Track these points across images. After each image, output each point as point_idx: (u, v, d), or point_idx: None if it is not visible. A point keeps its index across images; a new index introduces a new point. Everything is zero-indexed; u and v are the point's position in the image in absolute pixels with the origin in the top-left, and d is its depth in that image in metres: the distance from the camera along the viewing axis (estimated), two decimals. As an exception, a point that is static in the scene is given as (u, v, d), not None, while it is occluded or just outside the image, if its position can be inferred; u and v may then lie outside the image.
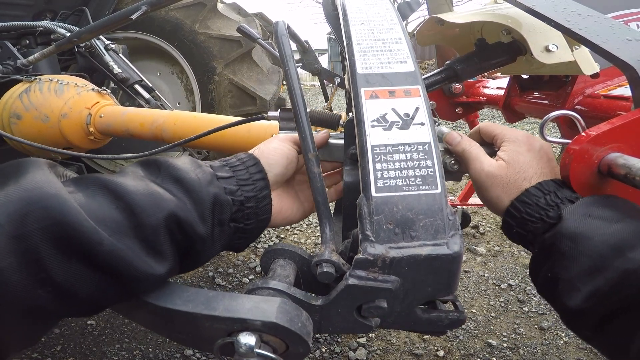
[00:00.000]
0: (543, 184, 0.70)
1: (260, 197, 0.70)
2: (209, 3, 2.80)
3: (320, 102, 13.56)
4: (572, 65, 1.17)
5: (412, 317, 0.64)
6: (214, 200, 0.63)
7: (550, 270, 0.64)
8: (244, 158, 0.73)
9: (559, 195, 0.68)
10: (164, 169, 0.63)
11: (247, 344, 0.52)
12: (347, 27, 0.82)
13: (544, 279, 0.66)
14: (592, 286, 0.56)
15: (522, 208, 0.70)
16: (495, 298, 2.49)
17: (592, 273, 0.57)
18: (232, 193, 0.66)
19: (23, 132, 1.88)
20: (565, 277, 0.60)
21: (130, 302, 0.58)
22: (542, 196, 0.69)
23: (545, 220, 0.67)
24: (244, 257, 3.01)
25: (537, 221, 0.68)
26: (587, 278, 0.57)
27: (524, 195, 0.70)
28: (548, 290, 0.67)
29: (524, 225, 0.70)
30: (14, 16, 2.45)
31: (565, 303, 0.60)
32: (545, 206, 0.68)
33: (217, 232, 0.64)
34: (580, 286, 0.58)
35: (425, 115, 0.66)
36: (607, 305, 0.56)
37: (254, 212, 0.70)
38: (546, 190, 0.69)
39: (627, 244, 0.56)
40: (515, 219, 0.71)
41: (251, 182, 0.70)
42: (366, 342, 2.14)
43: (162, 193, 0.58)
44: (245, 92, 2.75)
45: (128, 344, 2.17)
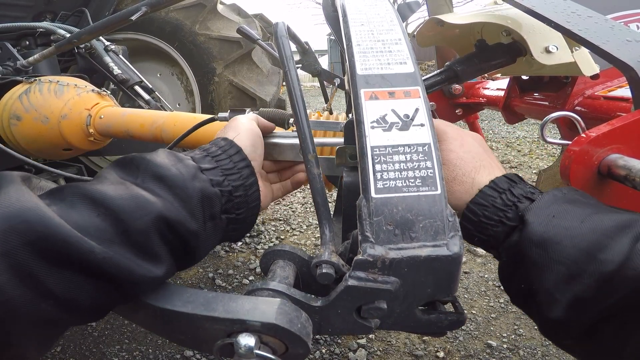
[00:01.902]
0: (496, 182, 0.67)
1: (248, 184, 0.69)
2: (209, 4, 2.81)
3: (320, 103, 13.57)
4: (572, 66, 1.17)
5: (412, 318, 0.63)
6: (202, 195, 0.61)
7: (524, 280, 0.60)
8: (225, 146, 0.71)
9: (515, 192, 0.65)
10: (143, 167, 0.60)
11: (246, 344, 0.52)
12: (347, 28, 0.82)
13: (518, 289, 0.63)
14: (571, 295, 0.53)
15: (479, 211, 0.66)
16: (495, 299, 2.49)
17: (569, 281, 0.54)
18: (219, 184, 0.65)
19: (23, 133, 1.88)
20: (542, 287, 0.57)
21: (130, 303, 0.58)
22: (497, 196, 0.65)
23: (505, 223, 0.63)
24: (243, 259, 3.01)
25: (497, 224, 0.64)
26: (564, 287, 0.54)
27: (478, 196, 0.67)
28: (523, 300, 0.63)
29: (484, 230, 0.66)
30: (13, 17, 2.45)
31: (545, 315, 0.57)
32: (503, 207, 0.64)
33: (210, 226, 0.63)
34: (559, 296, 0.55)
35: (425, 116, 0.66)
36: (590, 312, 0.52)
37: (243, 200, 0.68)
38: (500, 189, 0.66)
39: (598, 246, 0.53)
40: (473, 223, 0.67)
41: (236, 170, 0.68)
42: (366, 343, 2.14)
43: (146, 195, 0.56)
44: (245, 93, 2.76)
45: (128, 345, 2.17)
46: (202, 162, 0.66)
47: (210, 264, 2.95)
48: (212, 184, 0.64)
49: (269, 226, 3.58)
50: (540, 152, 5.74)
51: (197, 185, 0.61)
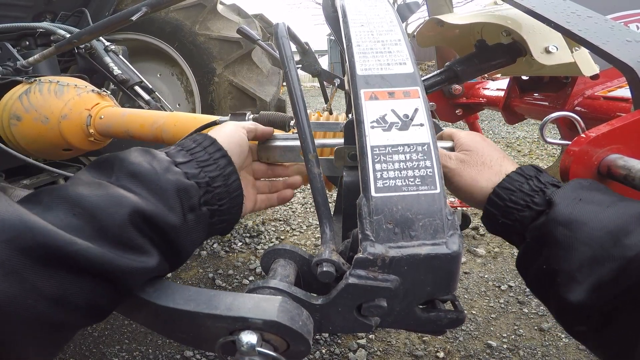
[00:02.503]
0: (523, 169, 0.68)
1: (226, 174, 0.69)
2: (209, 4, 2.81)
3: (320, 104, 13.57)
4: (572, 66, 1.17)
5: (412, 317, 0.64)
6: (177, 187, 0.61)
7: (546, 261, 0.60)
8: (200, 139, 0.71)
9: (541, 179, 0.66)
10: (118, 166, 0.61)
11: (248, 342, 0.53)
12: (346, 29, 0.82)
13: (538, 271, 0.62)
14: (595, 277, 0.53)
15: (506, 195, 0.67)
16: (495, 299, 2.49)
17: (593, 263, 0.54)
18: (195, 176, 0.65)
19: (23, 134, 1.88)
20: (564, 268, 0.57)
21: (131, 301, 0.59)
22: (524, 181, 0.66)
23: (532, 207, 0.64)
24: (243, 259, 3.01)
25: (524, 209, 0.65)
26: (588, 269, 0.54)
27: (505, 181, 0.68)
28: (542, 283, 0.63)
29: (509, 214, 0.67)
30: (13, 17, 2.45)
31: (564, 297, 0.56)
32: (530, 192, 0.65)
33: (192, 218, 0.63)
34: (581, 278, 0.54)
35: (424, 116, 0.67)
36: (609, 298, 0.52)
37: (224, 190, 0.68)
38: (527, 175, 0.67)
39: (623, 230, 0.53)
40: (499, 208, 0.68)
41: (212, 161, 0.68)
42: (366, 343, 2.14)
43: (121, 192, 0.57)
44: (245, 94, 2.76)
45: (128, 345, 2.17)
46: (176, 156, 0.67)
47: (210, 264, 2.95)
48: (187, 176, 0.64)
49: (269, 226, 3.58)
50: (540, 152, 5.74)
51: (171, 178, 0.61)
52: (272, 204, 0.92)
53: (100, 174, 0.60)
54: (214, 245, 3.19)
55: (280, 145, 0.91)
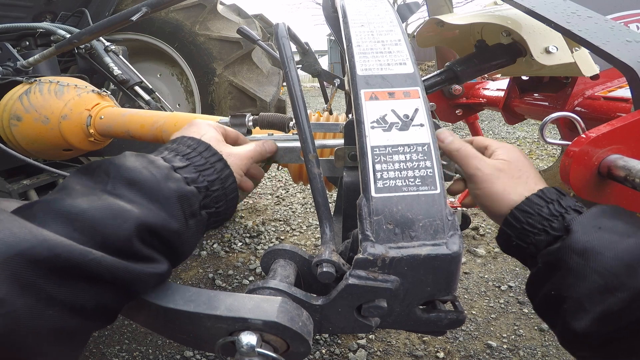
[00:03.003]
0: (545, 192, 0.66)
1: (224, 177, 0.69)
2: (209, 4, 2.81)
3: (320, 104, 13.58)
4: (572, 66, 1.17)
5: (412, 317, 0.64)
6: (179, 195, 0.60)
7: (555, 287, 0.59)
8: (193, 144, 0.70)
9: (563, 203, 0.64)
10: (113, 173, 0.59)
11: (248, 343, 0.53)
12: (347, 29, 0.82)
13: (547, 296, 0.62)
14: (603, 307, 0.53)
15: (523, 218, 0.65)
16: (495, 299, 2.49)
17: (604, 292, 0.53)
18: (194, 181, 0.64)
19: (23, 134, 1.88)
20: (573, 295, 0.56)
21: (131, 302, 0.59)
22: (544, 205, 0.65)
23: (549, 232, 0.63)
24: (243, 259, 3.01)
25: (540, 232, 0.64)
26: (597, 298, 0.53)
27: (524, 203, 0.66)
28: (550, 309, 0.62)
29: (525, 237, 0.65)
30: (14, 18, 2.45)
31: (570, 324, 0.56)
32: (549, 216, 0.64)
33: (193, 223, 0.63)
34: (589, 307, 0.54)
35: (424, 116, 0.67)
36: (617, 327, 0.52)
37: (222, 193, 0.68)
38: (548, 199, 0.65)
39: None
40: (514, 230, 0.67)
41: (209, 165, 0.68)
42: (366, 344, 2.14)
43: (120, 203, 0.55)
44: (245, 94, 2.76)
45: (128, 345, 2.17)
46: (174, 161, 0.65)
47: (210, 265, 2.95)
48: (186, 182, 0.63)
49: (269, 227, 3.58)
50: (540, 152, 5.74)
51: (172, 186, 0.60)
52: None
53: (94, 181, 0.58)
54: (214, 245, 3.19)
55: (281, 146, 0.91)
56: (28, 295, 0.44)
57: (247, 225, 3.58)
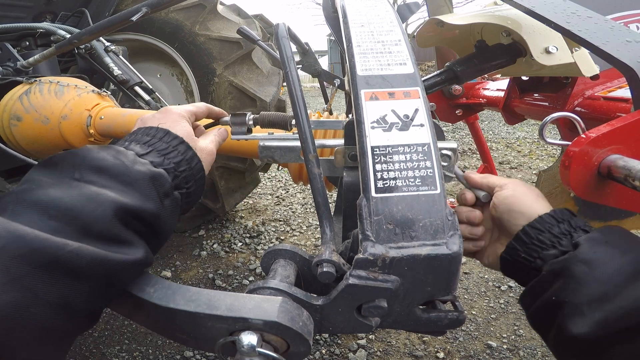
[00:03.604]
0: (557, 212, 0.70)
1: (188, 158, 0.71)
2: (209, 5, 2.81)
3: (320, 104, 13.57)
4: (572, 66, 1.17)
5: (412, 317, 0.64)
6: (150, 176, 0.62)
7: (556, 293, 0.62)
8: (152, 132, 0.72)
9: (572, 224, 0.68)
10: (79, 163, 0.59)
11: (249, 343, 0.53)
12: (347, 29, 0.82)
13: (545, 303, 0.64)
14: (601, 313, 0.55)
15: (534, 234, 0.69)
16: (495, 300, 2.49)
17: (603, 300, 0.56)
18: (161, 164, 0.66)
19: (23, 134, 1.88)
20: (573, 301, 0.59)
21: (131, 302, 0.59)
22: (555, 224, 0.68)
23: (558, 248, 0.66)
24: (243, 259, 3.01)
25: (549, 248, 0.67)
26: (596, 304, 0.56)
27: (536, 221, 0.70)
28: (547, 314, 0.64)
29: (533, 251, 0.69)
30: (14, 18, 2.45)
31: (567, 328, 0.58)
32: (559, 234, 0.67)
33: (168, 204, 0.64)
34: (588, 312, 0.56)
35: (424, 116, 0.67)
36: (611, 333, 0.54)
37: (189, 174, 0.71)
38: (560, 218, 0.69)
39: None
40: (523, 244, 0.70)
41: (172, 148, 0.70)
42: (366, 344, 2.14)
43: (92, 188, 0.56)
44: (245, 94, 2.76)
45: (128, 345, 2.17)
46: (136, 149, 0.67)
47: (210, 265, 2.95)
48: (153, 165, 0.65)
49: (269, 227, 3.58)
50: (540, 152, 5.74)
51: (142, 169, 0.62)
52: None
53: (60, 172, 0.58)
54: (214, 245, 3.19)
55: (281, 145, 0.91)
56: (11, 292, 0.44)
57: (247, 225, 3.58)
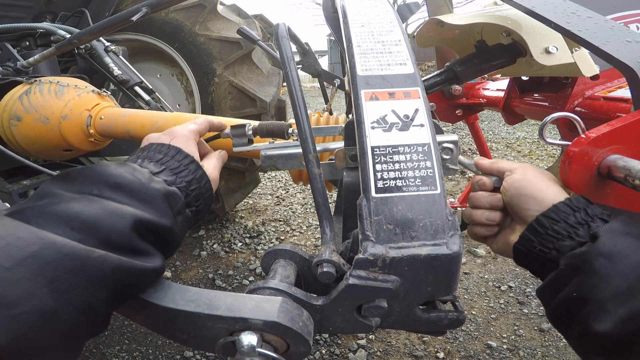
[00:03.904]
0: (573, 200, 0.66)
1: (198, 177, 0.73)
2: (209, 5, 2.80)
3: (320, 104, 13.57)
4: (572, 66, 1.17)
5: (412, 317, 0.64)
6: (164, 194, 0.64)
7: (577, 289, 0.58)
8: (164, 150, 0.74)
9: (589, 212, 0.64)
10: (96, 179, 0.60)
11: (249, 343, 0.53)
12: (347, 30, 0.82)
13: (566, 300, 0.61)
14: (627, 309, 0.52)
15: (548, 224, 0.66)
16: (495, 300, 2.49)
17: (628, 295, 0.53)
18: (174, 183, 0.68)
19: (23, 134, 1.88)
20: (596, 297, 0.56)
21: (131, 302, 0.59)
22: (571, 213, 0.65)
23: (574, 239, 0.63)
24: (243, 259, 3.01)
25: (565, 238, 0.63)
26: (621, 300, 0.53)
27: (551, 210, 0.66)
28: (568, 312, 0.61)
29: (548, 242, 0.65)
30: (13, 18, 2.45)
31: (590, 325, 0.55)
32: (575, 224, 0.63)
33: (180, 220, 0.66)
34: (612, 309, 0.53)
35: (424, 116, 0.67)
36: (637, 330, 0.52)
37: (199, 192, 0.72)
38: (576, 207, 0.65)
39: None
40: (538, 235, 0.67)
41: (183, 167, 0.72)
42: (366, 344, 2.14)
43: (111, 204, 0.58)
44: (245, 94, 2.75)
45: (128, 345, 2.17)
46: (150, 167, 0.69)
47: (210, 265, 2.95)
48: (167, 183, 0.67)
49: (269, 227, 3.58)
50: (540, 152, 5.74)
51: (157, 187, 0.64)
52: None
53: (78, 187, 0.59)
54: (214, 245, 3.19)
55: (283, 153, 0.91)
56: (40, 298, 0.44)
57: (247, 225, 3.58)
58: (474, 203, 0.81)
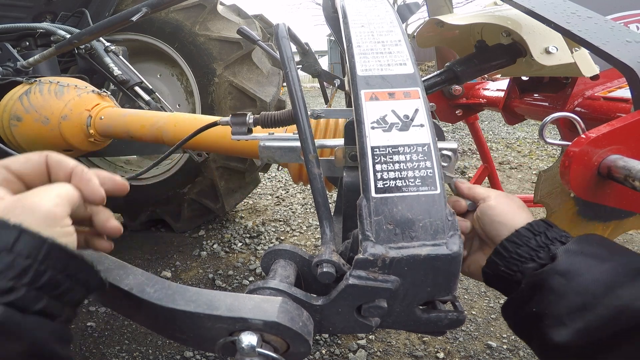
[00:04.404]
0: (533, 225, 0.71)
1: None
2: (209, 5, 2.81)
3: (320, 104, 13.57)
4: (572, 67, 1.17)
5: (412, 317, 0.64)
6: None
7: (537, 305, 0.63)
8: None
9: (549, 235, 0.69)
10: None
11: (249, 343, 0.53)
12: (347, 30, 0.82)
13: (526, 315, 0.66)
14: (582, 323, 0.57)
15: (512, 248, 0.70)
16: (495, 300, 2.49)
17: (582, 310, 0.57)
18: None
19: (23, 134, 1.88)
20: (553, 313, 0.61)
21: (131, 302, 0.59)
22: (532, 237, 0.69)
23: (536, 261, 0.67)
24: (243, 259, 3.01)
25: (528, 261, 0.68)
26: (576, 314, 0.58)
27: (514, 235, 0.71)
28: (528, 325, 0.67)
29: (512, 265, 0.70)
30: (14, 18, 2.45)
31: (550, 338, 0.60)
32: (536, 247, 0.68)
33: None
34: (568, 322, 0.58)
35: (424, 116, 0.67)
36: (594, 341, 0.56)
37: None
38: (536, 231, 0.70)
39: (617, 282, 0.57)
40: (502, 259, 0.71)
41: None
42: (366, 344, 2.14)
43: None
44: (245, 94, 2.76)
45: (128, 345, 2.17)
46: None
47: (210, 265, 2.95)
48: None
49: (269, 227, 3.58)
50: (540, 153, 5.74)
51: None
52: None
53: None
54: (214, 245, 3.19)
55: (281, 145, 0.91)
56: None
57: (247, 225, 3.58)
58: None
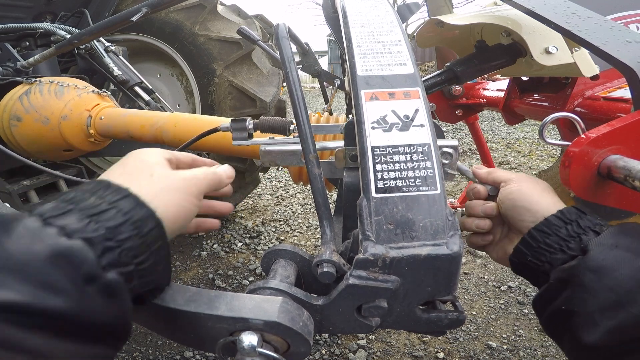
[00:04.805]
0: (564, 212, 0.67)
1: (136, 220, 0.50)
2: (209, 5, 2.80)
3: (320, 104, 13.56)
4: (572, 67, 1.17)
5: (412, 317, 0.64)
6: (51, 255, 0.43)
7: (567, 302, 0.60)
8: (85, 187, 0.53)
9: (581, 224, 0.65)
10: None
11: (249, 343, 0.53)
12: (347, 30, 0.82)
13: (556, 311, 0.62)
14: (614, 322, 0.53)
15: (541, 238, 0.67)
16: (495, 300, 2.49)
17: (616, 308, 0.54)
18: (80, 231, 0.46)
19: (23, 134, 1.88)
20: (584, 310, 0.57)
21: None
22: (563, 226, 0.66)
23: (566, 252, 0.63)
24: (243, 259, 3.01)
25: (557, 252, 0.64)
26: (609, 313, 0.54)
27: (543, 224, 0.67)
28: (558, 323, 0.63)
29: (540, 255, 0.66)
30: (13, 18, 2.45)
31: (580, 337, 0.57)
32: (567, 237, 0.64)
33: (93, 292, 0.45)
34: (600, 321, 0.55)
35: (424, 117, 0.67)
36: (627, 341, 0.53)
37: (138, 243, 0.49)
38: (567, 220, 0.66)
39: None
40: (530, 248, 0.68)
41: (108, 205, 0.49)
42: (366, 344, 2.14)
43: None
44: (245, 94, 2.75)
45: (128, 345, 2.17)
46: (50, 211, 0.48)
47: (210, 265, 2.95)
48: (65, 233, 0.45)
49: (269, 227, 3.58)
50: (540, 153, 5.74)
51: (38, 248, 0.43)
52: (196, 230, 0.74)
53: None
54: (214, 246, 3.19)
55: (282, 149, 0.91)
56: None
57: (247, 225, 3.58)
58: (469, 211, 0.82)
